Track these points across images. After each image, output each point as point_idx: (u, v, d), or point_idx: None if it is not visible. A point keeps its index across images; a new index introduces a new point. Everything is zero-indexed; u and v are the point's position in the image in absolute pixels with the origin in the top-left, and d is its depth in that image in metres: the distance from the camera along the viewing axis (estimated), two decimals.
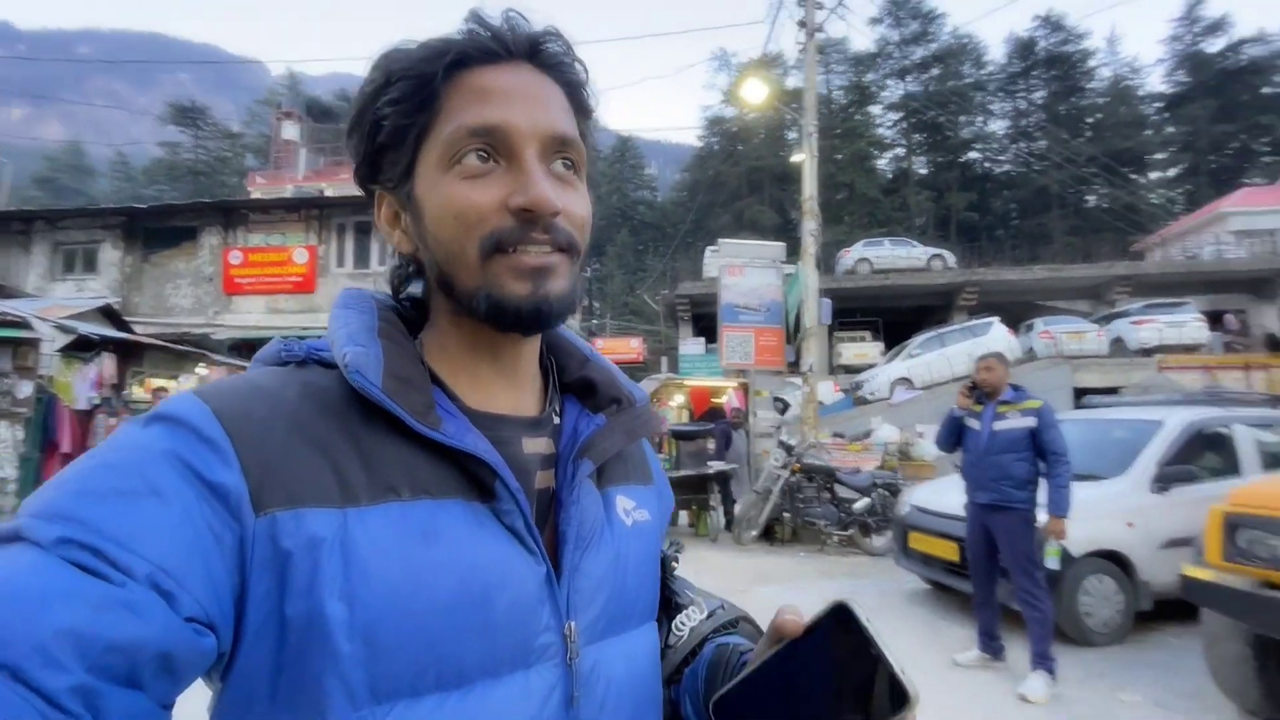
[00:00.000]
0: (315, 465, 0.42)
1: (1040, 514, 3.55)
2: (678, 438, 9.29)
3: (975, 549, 3.80)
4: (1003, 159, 46.11)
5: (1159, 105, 43.52)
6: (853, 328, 21.97)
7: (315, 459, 0.42)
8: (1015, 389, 3.73)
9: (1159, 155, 42.58)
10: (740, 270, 8.93)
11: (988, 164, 45.91)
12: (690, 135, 49.51)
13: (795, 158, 9.15)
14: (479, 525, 0.46)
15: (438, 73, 0.48)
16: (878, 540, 7.00)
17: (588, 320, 34.95)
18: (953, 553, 4.48)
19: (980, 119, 46.48)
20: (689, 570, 0.67)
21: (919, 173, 44.88)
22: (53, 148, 72.93)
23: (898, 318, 22.54)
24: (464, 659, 0.43)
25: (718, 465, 8.31)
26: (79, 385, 9.58)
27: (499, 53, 0.49)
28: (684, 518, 8.70)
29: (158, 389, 7.44)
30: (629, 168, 53.88)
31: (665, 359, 23.95)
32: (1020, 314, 18.59)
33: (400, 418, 0.44)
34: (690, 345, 19.71)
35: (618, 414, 0.57)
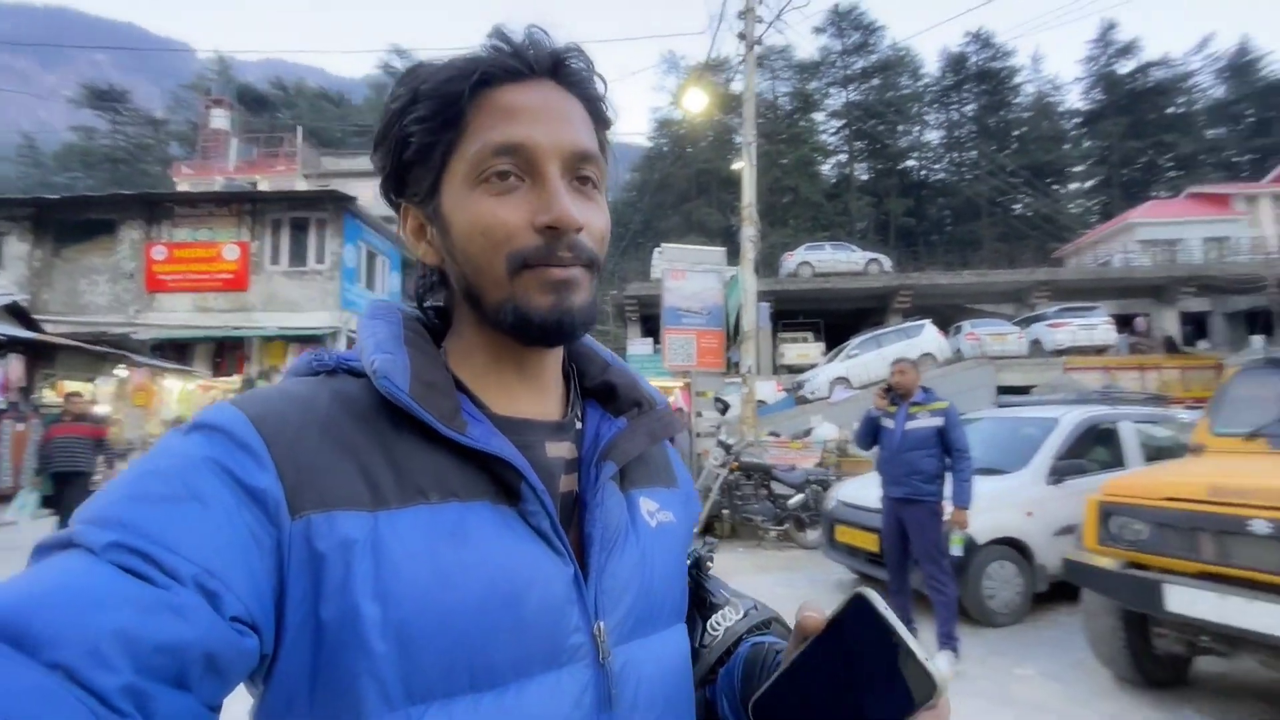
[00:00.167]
0: (347, 470, 0.44)
1: (947, 506, 3.85)
2: None
3: (890, 540, 4.09)
4: (937, 168, 48.35)
5: (1077, 121, 46.52)
6: (795, 329, 22.65)
7: (347, 464, 0.44)
8: (925, 391, 4.02)
9: (1077, 168, 45.54)
10: (682, 274, 9.15)
11: (924, 172, 47.99)
12: (640, 136, 49.67)
13: (735, 165, 9.43)
14: (506, 527, 0.46)
15: (464, 92, 0.49)
16: (811, 534, 7.32)
17: None
18: (873, 544, 4.77)
19: (917, 129, 48.57)
20: None
21: (860, 179, 46.50)
22: None
23: (838, 319, 23.37)
24: (496, 659, 0.43)
25: None
26: None
27: (522, 71, 0.50)
28: None
29: (71, 393, 7.04)
30: None
31: None
32: (951, 316, 19.61)
33: (427, 422, 0.46)
34: (638, 346, 19.87)
35: (639, 417, 0.58)
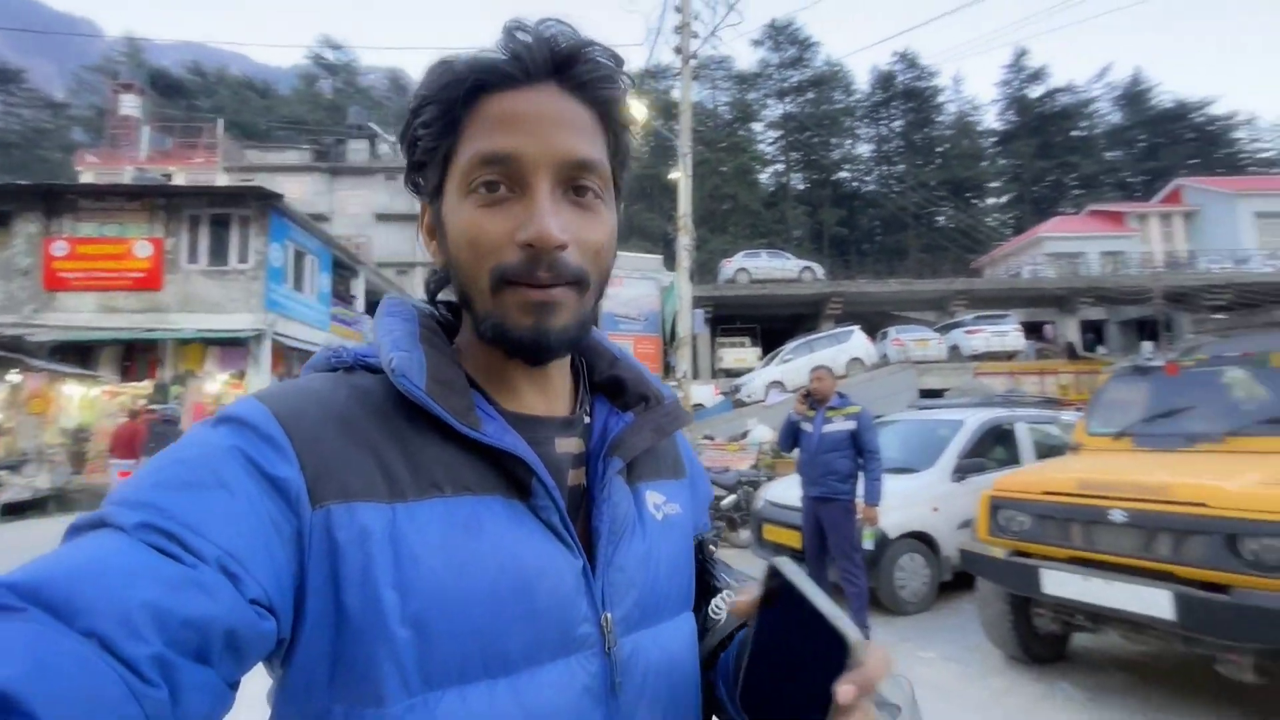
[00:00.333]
0: (365, 463, 0.45)
1: (860, 504, 4.13)
2: None
3: (809, 536, 4.34)
4: (868, 180, 50.57)
5: (993, 140, 49.69)
6: (734, 334, 23.23)
7: (365, 457, 0.45)
8: (841, 396, 4.30)
9: (993, 184, 48.63)
10: (620, 281, 9.29)
11: (855, 184, 50.10)
12: None
13: (673, 175, 9.66)
14: (518, 521, 0.48)
15: (459, 98, 0.49)
16: (743, 533, 7.59)
17: None
18: (797, 541, 5.01)
19: (849, 142, 50.72)
20: None
21: (796, 188, 48.11)
22: None
23: (774, 325, 24.13)
24: (509, 646, 0.45)
25: None
26: None
27: (518, 77, 0.49)
28: None
29: None
30: None
31: None
32: (879, 323, 20.61)
33: (443, 419, 0.47)
34: None
35: (646, 412, 0.59)
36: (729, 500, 7.73)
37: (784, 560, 0.43)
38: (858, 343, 17.09)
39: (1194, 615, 2.71)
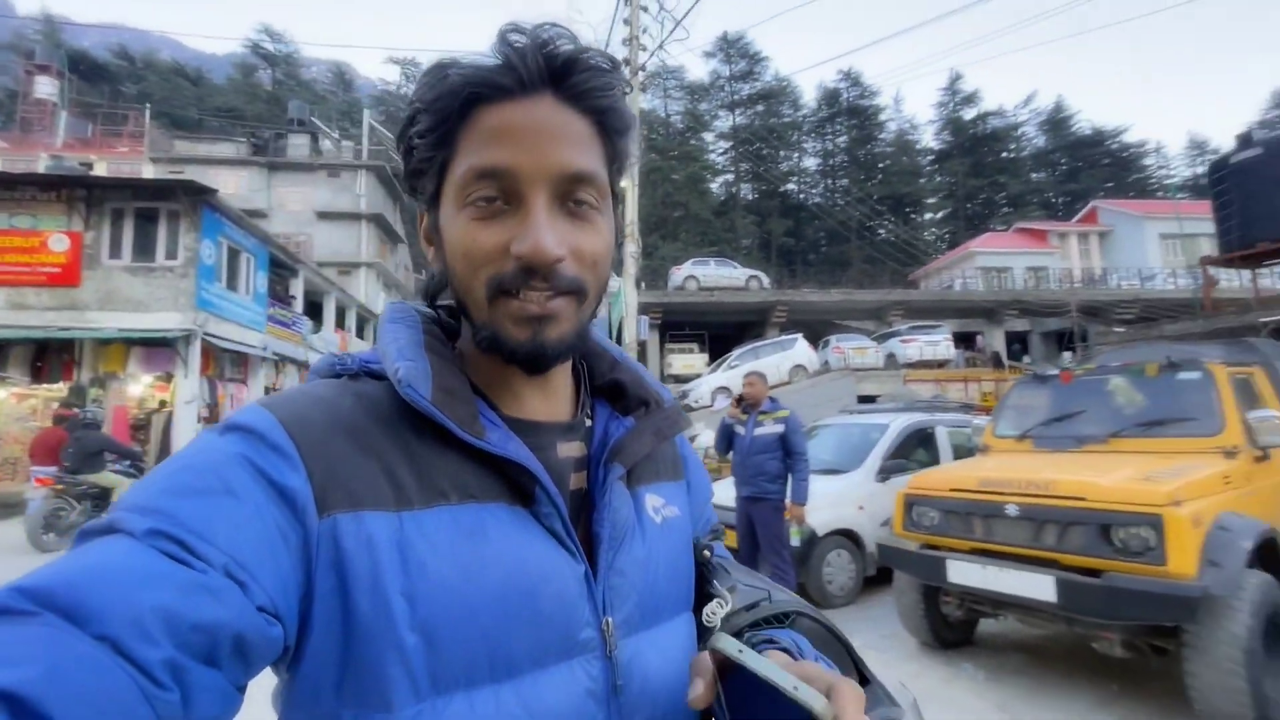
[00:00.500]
0: (371, 471, 0.46)
1: (788, 503, 4.36)
2: None
3: (742, 535, 4.54)
4: (814, 192, 52.24)
5: (930, 158, 52.21)
6: (682, 340, 23.61)
7: (371, 465, 0.46)
8: (772, 400, 4.53)
9: (930, 200, 51.09)
10: None
11: (802, 195, 51.67)
12: None
13: (620, 183, 9.81)
14: (521, 527, 0.48)
15: (454, 110, 0.49)
16: None
17: None
18: (732, 539, 5.23)
19: (796, 155, 52.33)
20: None
21: (746, 198, 49.25)
22: None
23: (722, 331, 24.64)
24: (514, 650, 0.45)
25: None
26: None
27: (512, 89, 0.48)
28: None
29: None
30: None
31: None
32: (822, 331, 21.32)
33: (450, 429, 0.47)
34: None
35: (646, 416, 0.60)
36: None
37: (722, 638, 0.42)
38: (801, 350, 17.66)
39: (1071, 597, 3.02)
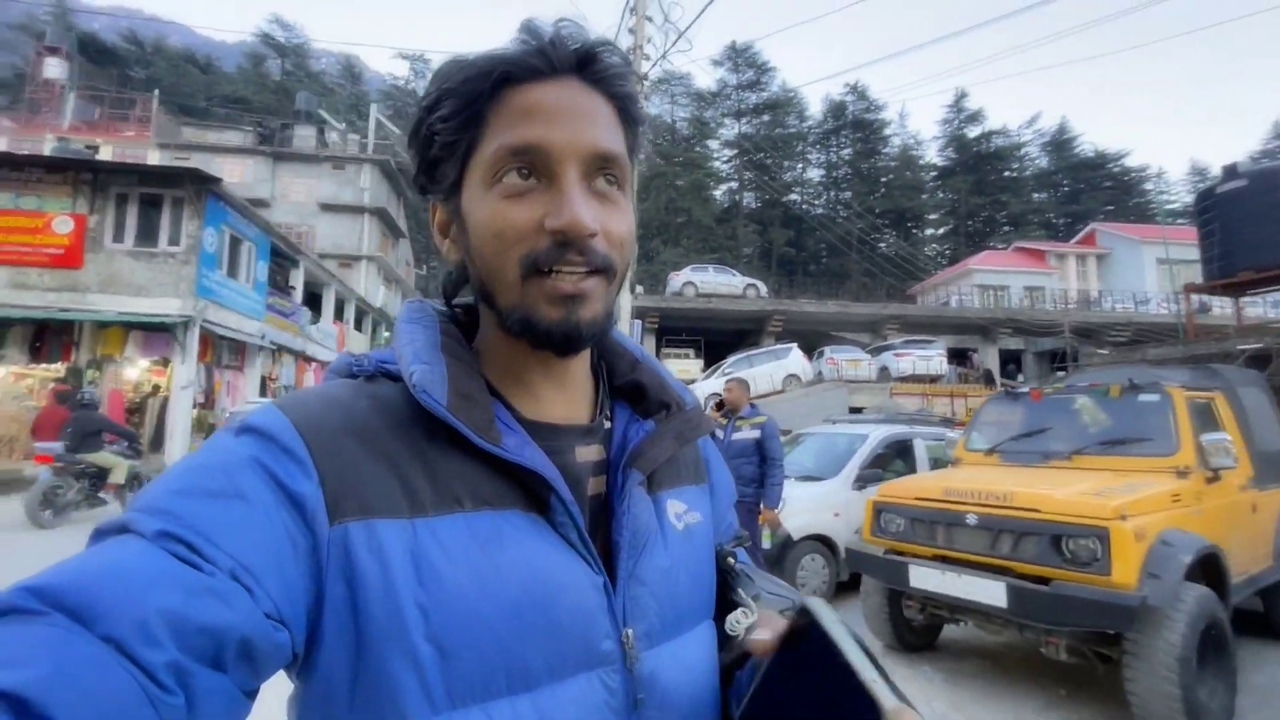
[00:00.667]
0: (385, 477, 0.45)
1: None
2: None
3: None
4: (817, 203, 52.51)
5: (933, 174, 52.53)
6: (678, 345, 23.77)
7: (384, 471, 0.45)
8: (751, 406, 4.67)
9: (932, 215, 51.38)
10: None
11: (804, 206, 51.93)
12: None
13: None
14: (538, 535, 0.47)
15: (484, 91, 0.49)
16: None
17: None
18: None
19: (800, 166, 52.63)
20: None
21: (748, 207, 49.50)
22: None
23: (718, 338, 24.80)
24: (531, 662, 0.44)
25: None
26: None
27: (543, 69, 0.49)
28: None
29: None
30: None
31: None
32: (817, 341, 21.52)
33: (465, 434, 0.46)
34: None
35: (667, 419, 0.58)
36: None
37: (818, 602, 0.40)
38: (795, 360, 17.84)
39: (1022, 604, 3.16)
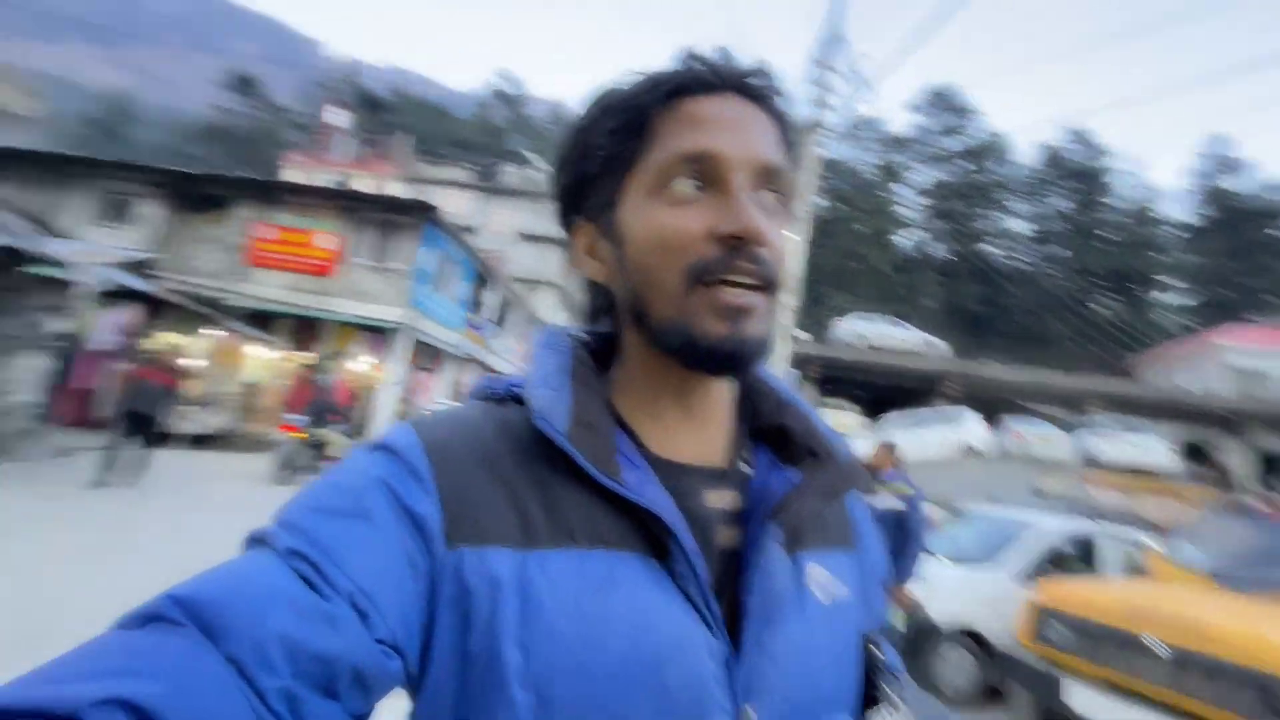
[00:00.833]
0: (501, 503, 0.44)
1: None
2: None
3: None
4: (1017, 257, 47.40)
5: (1173, 231, 44.89)
6: (838, 395, 22.69)
7: (502, 497, 0.44)
8: (897, 472, 4.39)
9: (1164, 278, 43.79)
10: None
11: (1002, 260, 47.16)
12: None
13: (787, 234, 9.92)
14: (655, 584, 0.44)
15: (653, 102, 0.49)
16: None
17: None
18: None
19: (1000, 216, 47.99)
20: None
21: (935, 257, 46.14)
22: (105, 90, 75.59)
23: (881, 393, 23.25)
24: None
25: None
26: (101, 329, 10.31)
27: (713, 83, 0.49)
28: None
29: (172, 345, 8.16)
30: None
31: None
32: (1001, 409, 19.31)
33: (581, 465, 0.44)
34: None
35: (815, 469, 0.52)
36: None
37: None
38: (971, 427, 16.19)
39: None
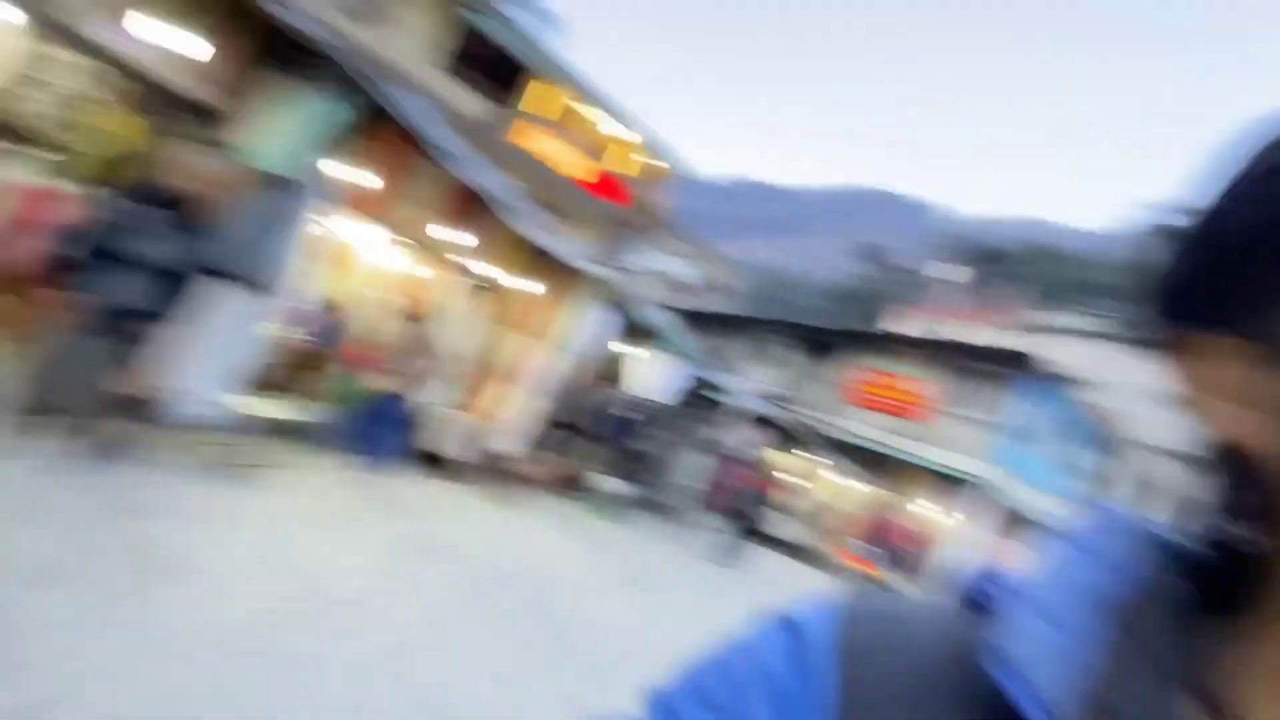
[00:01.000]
0: None
1: None
2: None
3: None
4: None
5: None
6: None
7: None
8: None
9: None
10: None
11: None
12: None
13: None
14: None
15: None
16: None
17: None
18: None
19: None
20: None
21: None
22: (770, 267, 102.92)
23: None
24: None
25: None
26: (738, 441, 13.36)
27: None
28: None
29: (773, 459, 9.93)
30: None
31: None
32: None
33: None
34: None
35: None
36: None
37: None
38: None
39: None
